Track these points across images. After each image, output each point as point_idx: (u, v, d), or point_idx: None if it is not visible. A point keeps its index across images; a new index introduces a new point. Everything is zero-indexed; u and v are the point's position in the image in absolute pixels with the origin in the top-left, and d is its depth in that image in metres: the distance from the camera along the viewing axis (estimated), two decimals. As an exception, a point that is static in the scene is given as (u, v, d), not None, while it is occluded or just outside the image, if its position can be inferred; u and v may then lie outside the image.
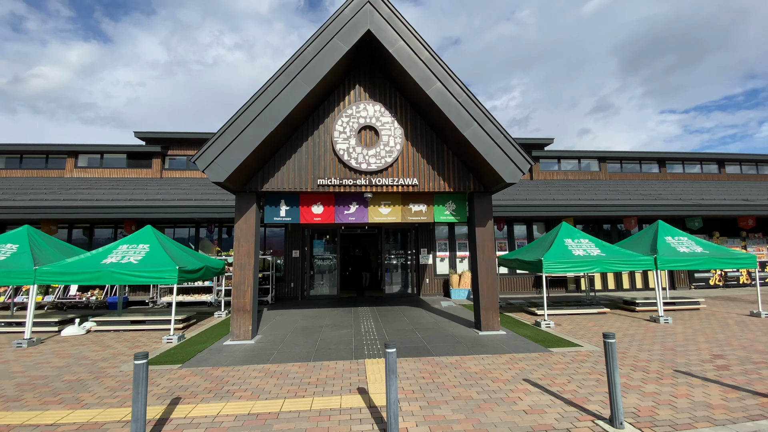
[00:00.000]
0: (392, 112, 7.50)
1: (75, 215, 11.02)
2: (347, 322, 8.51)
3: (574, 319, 9.01)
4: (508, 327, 7.92)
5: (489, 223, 7.61)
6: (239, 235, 7.09)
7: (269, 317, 9.37)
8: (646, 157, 19.28)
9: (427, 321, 8.58)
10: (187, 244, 12.87)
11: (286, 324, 8.48)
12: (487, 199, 7.67)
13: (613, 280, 14.26)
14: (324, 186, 7.22)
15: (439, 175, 7.50)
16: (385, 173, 7.38)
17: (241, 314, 6.95)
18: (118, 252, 7.81)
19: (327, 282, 13.08)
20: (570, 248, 8.82)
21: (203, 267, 8.30)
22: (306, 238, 13.10)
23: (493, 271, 7.53)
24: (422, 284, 12.90)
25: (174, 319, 7.87)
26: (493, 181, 7.18)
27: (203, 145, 6.19)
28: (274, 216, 7.58)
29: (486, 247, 7.53)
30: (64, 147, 16.63)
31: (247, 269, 7.04)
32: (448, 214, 8.02)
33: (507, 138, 6.72)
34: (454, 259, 13.25)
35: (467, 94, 6.69)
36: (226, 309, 10.56)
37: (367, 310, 10.12)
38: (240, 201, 7.17)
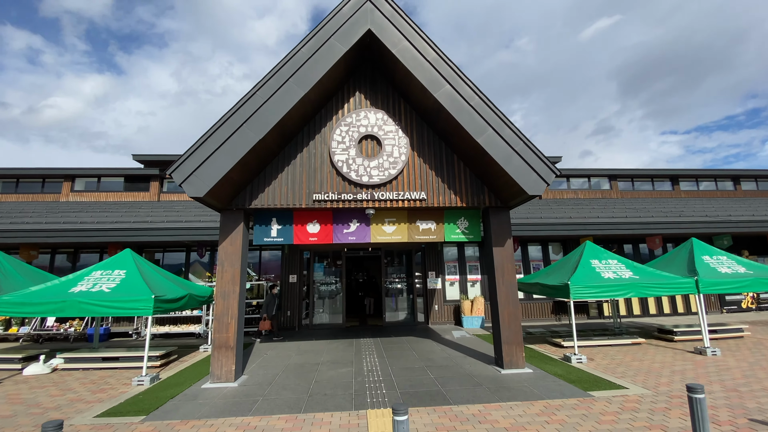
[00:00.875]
0: (396, 120, 6.77)
1: (55, 239, 10.23)
2: (348, 358, 7.46)
3: (607, 351, 7.90)
4: (533, 363, 6.84)
5: (508, 243, 6.69)
6: (223, 258, 6.22)
7: (260, 352, 8.33)
8: (659, 174, 18.55)
9: (439, 356, 7.51)
10: (178, 269, 11.99)
11: (278, 360, 7.44)
12: (504, 215, 6.80)
13: (638, 304, 13.10)
14: (320, 201, 6.40)
15: (449, 189, 6.67)
16: (388, 186, 6.56)
17: (223, 351, 5.97)
18: (90, 279, 6.94)
19: (327, 309, 12.04)
20: (598, 270, 7.82)
21: (186, 295, 7.38)
22: (304, 261, 12.18)
23: (514, 298, 6.54)
24: (431, 311, 11.83)
25: (148, 355, 6.90)
26: (512, 195, 6.32)
27: (182, 156, 5.42)
28: (264, 236, 6.72)
29: (505, 271, 6.59)
30: (61, 171, 16.17)
31: (232, 298, 6.13)
32: (460, 233, 7.13)
33: (527, 145, 5.92)
34: (464, 283, 12.21)
35: (480, 96, 5.96)
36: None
37: (370, 343, 9.05)
38: (225, 220, 6.34)
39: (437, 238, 7.05)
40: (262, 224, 6.73)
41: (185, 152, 5.42)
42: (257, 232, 6.73)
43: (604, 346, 8.41)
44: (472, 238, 7.15)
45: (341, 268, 12.37)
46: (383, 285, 12.44)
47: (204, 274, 11.80)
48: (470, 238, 7.15)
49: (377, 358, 7.42)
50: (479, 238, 7.16)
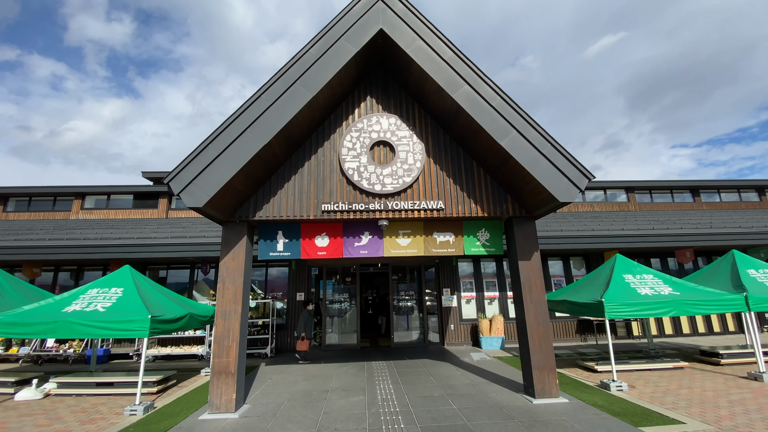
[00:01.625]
0: (410, 125, 6.34)
1: (57, 255, 9.92)
2: (359, 384, 6.82)
3: (648, 377, 7.11)
4: (566, 390, 6.12)
5: (535, 257, 6.09)
6: (225, 275, 5.74)
7: (264, 376, 7.73)
8: (678, 185, 17.77)
9: (459, 382, 6.82)
10: (182, 288, 11.56)
11: (284, 387, 6.84)
12: (529, 226, 6.22)
13: (670, 323, 12.17)
14: (330, 212, 5.93)
15: (469, 198, 6.14)
16: (403, 195, 6.06)
17: (223, 378, 5.42)
18: (86, 297, 6.51)
19: (336, 329, 11.41)
20: (633, 286, 7.12)
21: (186, 315, 6.89)
22: (312, 278, 11.65)
23: (544, 318, 5.89)
24: (446, 331, 11.11)
25: (144, 381, 6.40)
26: (539, 203, 5.76)
27: (180, 164, 5.03)
28: (269, 251, 6.25)
29: (534, 287, 5.96)
30: (71, 189, 16.25)
31: (233, 319, 5.61)
32: (480, 246, 6.55)
33: (556, 147, 5.40)
34: (481, 301, 11.50)
35: (502, 96, 5.49)
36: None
37: (383, 366, 8.38)
38: (228, 233, 5.89)
39: (456, 251, 6.49)
40: (268, 238, 6.27)
41: (184, 159, 5.03)
42: (262, 247, 6.26)
43: (643, 370, 7.61)
44: (494, 252, 6.57)
45: (354, 285, 11.79)
46: (391, 303, 11.80)
47: (209, 292, 11.34)
48: (492, 251, 6.57)
49: (392, 384, 6.76)
50: (502, 251, 6.58)
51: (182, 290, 11.54)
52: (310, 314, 9.36)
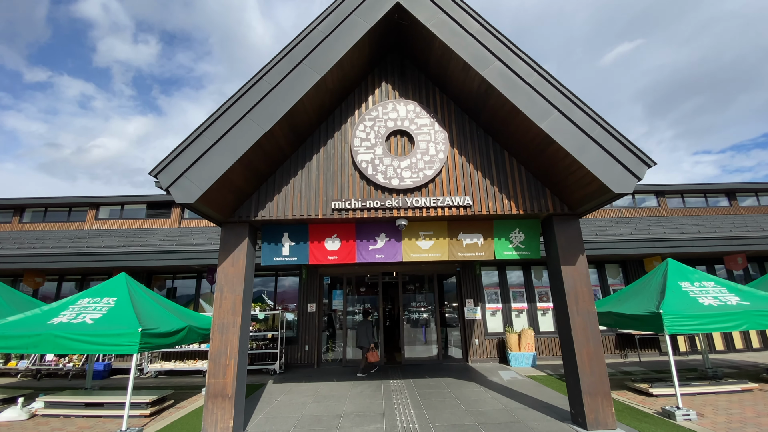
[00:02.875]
0: (431, 113, 5.61)
1: (58, 264, 9.50)
2: (375, 409, 5.97)
3: (714, 402, 6.04)
4: (622, 420, 5.13)
5: (581, 261, 5.21)
6: (222, 282, 5.06)
7: (271, 396, 6.96)
8: (713, 188, 16.49)
9: (491, 407, 5.89)
10: (189, 299, 10.99)
11: (291, 410, 6.05)
12: (573, 225, 5.36)
13: (720, 338, 10.89)
14: (341, 211, 5.21)
15: (501, 193, 5.33)
16: (423, 191, 5.30)
17: (219, 402, 4.68)
18: (75, 308, 5.92)
19: (351, 343, 10.58)
20: (693, 295, 6.12)
21: (185, 328, 6.22)
22: (324, 288, 10.92)
23: (595, 332, 4.98)
24: (470, 346, 10.15)
25: (133, 402, 5.73)
26: (585, 197, 4.91)
27: (170, 154, 4.41)
28: (274, 256, 5.55)
29: (581, 297, 5.07)
30: (86, 199, 16.26)
31: (231, 333, 4.90)
32: (514, 249, 5.70)
33: (607, 129, 4.57)
34: (508, 313, 10.52)
35: (540, 72, 4.72)
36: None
37: (402, 386, 7.51)
38: (227, 235, 5.23)
39: (485, 255, 5.66)
40: (272, 241, 5.58)
41: (174, 149, 4.41)
42: (266, 251, 5.57)
43: (706, 394, 6.52)
44: (530, 255, 5.71)
45: (370, 296, 10.99)
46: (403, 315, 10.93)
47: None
48: (527, 255, 5.71)
49: (413, 409, 5.89)
50: (539, 254, 5.71)
51: (189, 301, 10.96)
52: (370, 324, 9.10)
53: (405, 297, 11.56)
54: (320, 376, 8.79)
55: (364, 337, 8.75)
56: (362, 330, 8.84)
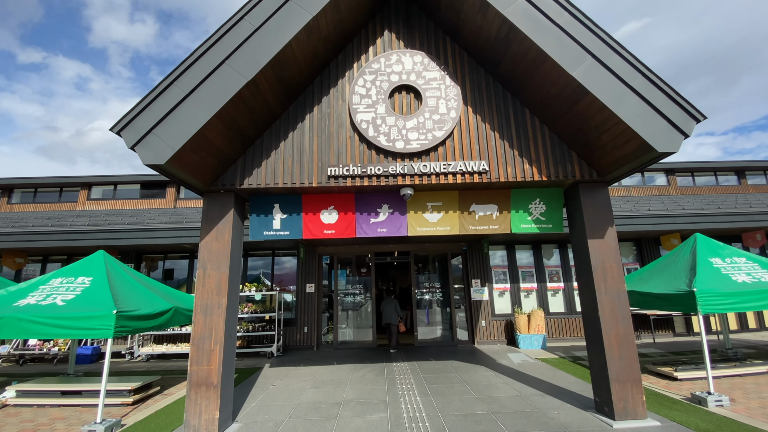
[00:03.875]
0: (441, 65, 4.89)
1: (38, 243, 8.93)
2: (379, 395, 5.50)
3: (742, 385, 5.58)
4: (650, 408, 4.65)
5: (610, 233, 4.61)
6: (205, 259, 4.47)
7: (266, 382, 6.50)
8: (722, 167, 16.03)
9: (504, 393, 5.42)
10: (184, 280, 10.48)
11: (287, 397, 5.57)
12: (601, 193, 4.74)
13: (734, 318, 10.46)
14: (338, 178, 4.57)
15: (521, 157, 4.69)
16: (432, 155, 4.65)
17: (204, 392, 4.16)
18: (46, 288, 5.35)
19: (351, 324, 10.14)
20: (726, 272, 5.56)
21: (170, 309, 5.68)
22: (323, 268, 10.39)
23: (625, 313, 4.43)
24: (476, 328, 9.70)
25: (114, 390, 5.26)
26: (620, 159, 4.26)
27: (134, 107, 3.73)
28: (263, 229, 4.94)
29: (610, 274, 4.49)
30: (78, 179, 15.68)
31: (216, 315, 4.34)
32: (533, 221, 5.10)
33: (650, 78, 3.88)
34: (517, 294, 10.03)
35: (571, 12, 3.99)
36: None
37: (406, 369, 7.05)
38: (210, 206, 4.61)
39: (501, 228, 5.06)
40: (261, 212, 4.95)
41: (140, 102, 3.73)
42: (254, 224, 4.95)
43: (732, 377, 6.07)
44: (551, 229, 5.11)
45: (369, 276, 10.49)
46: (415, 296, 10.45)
47: (209, 284, 10.21)
48: (547, 228, 5.11)
49: (419, 395, 5.42)
50: (561, 227, 5.11)
51: (182, 283, 10.45)
52: (395, 301, 9.31)
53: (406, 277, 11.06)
54: (320, 359, 8.35)
55: (393, 314, 8.98)
56: (389, 307, 9.03)
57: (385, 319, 9.09)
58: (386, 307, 9.14)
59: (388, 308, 9.08)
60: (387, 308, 9.10)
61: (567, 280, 10.09)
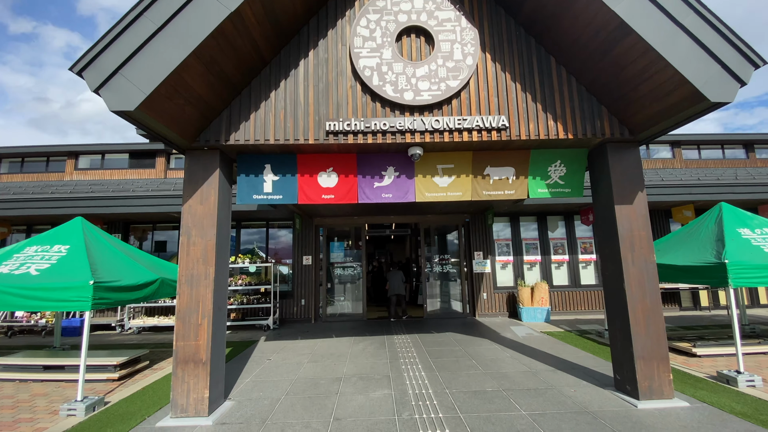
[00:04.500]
0: (456, 3, 4.25)
1: (15, 211, 8.40)
2: (381, 369, 5.20)
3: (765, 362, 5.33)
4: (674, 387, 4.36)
5: (639, 199, 4.16)
6: (189, 224, 3.99)
7: (262, 356, 6.20)
8: (730, 140, 15.57)
9: (513, 368, 5.14)
10: (172, 254, 10.05)
11: (283, 372, 5.27)
12: (631, 154, 4.25)
13: (746, 292, 10.23)
14: (338, 135, 4.03)
15: (544, 112, 4.15)
16: (446, 108, 4.10)
17: (191, 369, 3.80)
18: (20, 257, 4.88)
19: (350, 297, 9.86)
20: (756, 243, 5.17)
21: (156, 280, 5.27)
22: (321, 240, 9.98)
23: (653, 286, 4.05)
24: (477, 300, 9.44)
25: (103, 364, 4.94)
26: (660, 112, 3.73)
27: (97, 43, 3.13)
28: (253, 193, 4.44)
29: (638, 243, 4.08)
30: (64, 148, 15.19)
31: (203, 286, 3.92)
32: (551, 186, 4.63)
33: (704, 16, 3.30)
34: (520, 266, 9.71)
35: (616, -68, 3.34)
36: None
37: (407, 342, 6.78)
38: (192, 165, 4.09)
39: (516, 194, 4.58)
40: (251, 173, 4.43)
41: (104, 35, 3.12)
42: (243, 187, 4.44)
43: (755, 354, 5.81)
44: (570, 194, 4.65)
45: (362, 250, 10.11)
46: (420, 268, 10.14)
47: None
48: (565, 193, 4.65)
49: (423, 370, 5.13)
50: (581, 192, 4.65)
51: (174, 255, 10.03)
52: (402, 273, 9.65)
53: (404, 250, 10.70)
54: (318, 331, 8.08)
55: (400, 285, 9.24)
56: (397, 279, 9.29)
57: (392, 291, 9.31)
58: (393, 278, 9.34)
59: (396, 280, 9.29)
60: (394, 280, 9.31)
61: (572, 253, 9.76)
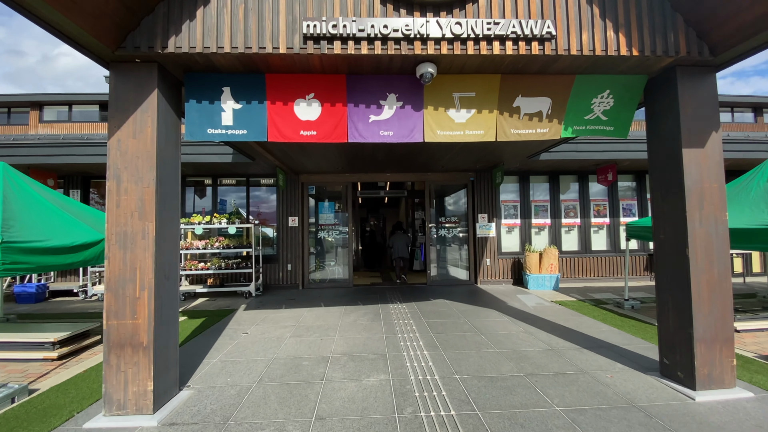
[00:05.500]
0: None
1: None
2: (375, 347, 4.41)
3: (816, 341, 4.67)
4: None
5: (713, 141, 3.20)
6: (118, 166, 2.94)
7: (238, 328, 5.38)
8: (740, 102, 14.68)
9: (531, 347, 4.38)
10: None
11: (261, 349, 4.45)
12: (707, 82, 3.23)
13: (759, 260, 9.68)
14: (320, 39, 2.92)
15: (602, 19, 3.06)
16: (470, 7, 2.98)
17: (128, 355, 2.90)
18: None
19: (340, 261, 9.02)
20: (823, 203, 4.35)
21: (100, 241, 4.27)
22: (308, 200, 8.97)
23: (723, 252, 3.19)
24: (480, 266, 8.68)
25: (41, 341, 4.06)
26: (762, 18, 2.68)
27: None
28: (207, 125, 3.34)
29: (708, 197, 3.17)
30: (27, 98, 13.93)
31: (141, 248, 2.93)
32: (590, 123, 3.65)
33: None
34: (527, 230, 8.90)
35: None
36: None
37: (404, 312, 6.02)
38: (120, 83, 2.97)
39: (549, 132, 3.58)
40: (204, 98, 3.31)
41: None
42: (193, 117, 3.32)
43: (792, 328, 5.16)
44: (611, 132, 3.68)
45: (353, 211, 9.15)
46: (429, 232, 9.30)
47: (174, 215, 8.76)
48: (607, 131, 3.68)
49: (426, 348, 4.35)
50: (626, 131, 3.68)
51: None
52: (407, 236, 9.50)
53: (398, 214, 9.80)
54: (305, 299, 7.29)
55: (404, 248, 9.03)
56: (401, 243, 9.05)
57: (396, 253, 9.08)
58: (398, 242, 9.10)
59: (400, 243, 9.06)
60: (399, 243, 9.07)
61: (585, 216, 8.95)
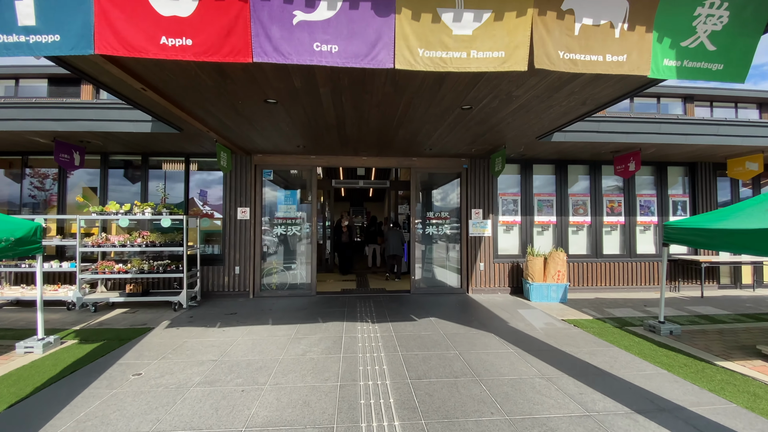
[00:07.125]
0: None
1: None
2: (320, 407, 2.83)
3: None
4: None
5: None
6: None
7: (131, 364, 3.70)
8: (745, 97, 13.79)
9: (556, 408, 2.88)
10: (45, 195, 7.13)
11: (136, 415, 2.80)
12: None
13: None
14: None
15: None
16: None
17: None
18: None
19: (302, 262, 7.39)
20: None
21: None
22: (263, 186, 7.29)
23: None
24: (473, 272, 7.21)
25: None
26: None
27: None
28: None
29: None
30: None
31: None
32: (690, 54, 2.11)
33: None
34: (529, 229, 7.45)
35: None
36: (51, 333, 4.95)
37: (375, 337, 4.46)
38: None
39: (627, 65, 2.05)
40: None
41: None
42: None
43: None
44: (721, 74, 2.19)
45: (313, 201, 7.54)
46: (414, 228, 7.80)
47: (92, 200, 6.96)
48: (717, 72, 2.20)
49: (398, 413, 2.80)
50: (744, 74, 2.18)
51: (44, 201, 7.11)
52: (400, 233, 8.79)
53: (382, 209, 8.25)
54: (250, 314, 5.66)
55: (399, 245, 8.58)
56: (396, 239, 8.57)
57: (390, 251, 8.61)
58: (392, 238, 8.60)
59: (395, 240, 8.55)
60: (393, 240, 8.57)
61: (596, 214, 7.56)
